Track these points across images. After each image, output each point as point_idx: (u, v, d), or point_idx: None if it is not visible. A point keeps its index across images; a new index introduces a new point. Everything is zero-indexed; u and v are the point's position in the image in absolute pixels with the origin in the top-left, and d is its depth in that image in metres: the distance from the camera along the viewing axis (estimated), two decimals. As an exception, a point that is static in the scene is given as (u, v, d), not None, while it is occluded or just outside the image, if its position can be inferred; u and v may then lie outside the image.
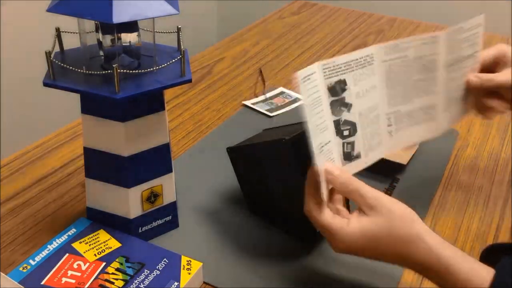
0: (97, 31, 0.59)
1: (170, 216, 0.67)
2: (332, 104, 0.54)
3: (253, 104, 0.97)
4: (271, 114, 0.94)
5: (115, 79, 0.54)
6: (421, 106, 0.63)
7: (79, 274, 0.58)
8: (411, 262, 0.52)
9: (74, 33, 0.61)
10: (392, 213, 0.51)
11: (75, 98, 0.59)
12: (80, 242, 0.62)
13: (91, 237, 0.63)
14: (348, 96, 0.56)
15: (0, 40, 1.49)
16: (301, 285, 0.60)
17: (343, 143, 0.56)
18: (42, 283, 0.57)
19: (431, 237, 0.51)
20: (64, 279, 0.57)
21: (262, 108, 0.96)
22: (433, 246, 0.51)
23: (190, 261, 0.60)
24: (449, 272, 0.50)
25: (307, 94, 0.51)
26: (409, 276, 0.62)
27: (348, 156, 0.57)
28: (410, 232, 0.51)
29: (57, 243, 0.62)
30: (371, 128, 0.59)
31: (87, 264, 0.59)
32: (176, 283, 0.57)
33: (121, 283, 0.57)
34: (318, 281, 0.61)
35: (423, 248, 0.50)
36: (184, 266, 0.59)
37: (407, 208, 0.53)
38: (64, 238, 0.63)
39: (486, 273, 0.49)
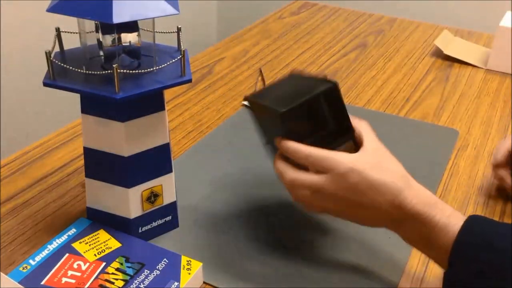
0: (97, 31, 0.59)
1: (170, 216, 0.67)
2: None
3: (253, 104, 0.97)
4: (271, 114, 0.94)
5: (115, 79, 0.54)
6: None
7: (79, 274, 0.58)
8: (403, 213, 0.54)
9: (74, 33, 0.61)
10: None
11: (75, 98, 0.59)
12: (80, 242, 0.62)
13: (91, 237, 0.63)
14: None
15: (0, 40, 1.49)
16: (302, 284, 0.60)
17: None
18: (42, 283, 0.57)
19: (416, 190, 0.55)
20: (64, 279, 0.57)
21: (262, 108, 0.96)
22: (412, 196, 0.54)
23: (190, 261, 0.60)
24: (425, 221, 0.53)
25: None
26: (412, 267, 0.62)
27: None
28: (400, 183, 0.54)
29: (57, 243, 0.62)
30: None
31: (87, 264, 0.59)
32: (176, 283, 0.57)
33: (121, 283, 0.57)
34: (319, 279, 0.61)
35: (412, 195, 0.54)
36: (184, 266, 0.59)
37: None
38: (64, 238, 0.63)
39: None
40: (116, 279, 0.57)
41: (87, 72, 0.58)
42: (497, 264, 0.49)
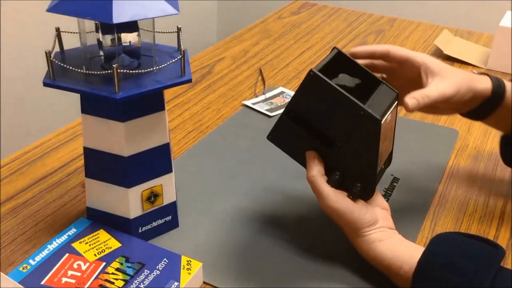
0: (97, 31, 0.59)
1: (170, 216, 0.67)
2: None
3: (253, 104, 0.97)
4: (271, 114, 0.94)
5: (115, 79, 0.54)
6: None
7: (79, 274, 0.58)
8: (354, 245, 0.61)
9: (74, 33, 0.61)
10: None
11: (75, 98, 0.59)
12: (80, 242, 0.62)
13: (91, 237, 0.63)
14: None
15: (0, 40, 1.49)
16: (302, 284, 0.60)
17: None
18: (42, 283, 0.57)
19: (368, 237, 0.59)
20: (64, 279, 0.57)
21: (262, 108, 0.96)
22: (367, 243, 0.59)
23: (190, 261, 0.60)
24: (376, 260, 0.59)
25: None
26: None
27: None
28: (354, 232, 0.60)
29: (57, 243, 0.62)
30: None
31: (87, 264, 0.59)
32: (176, 283, 0.57)
33: (121, 283, 0.57)
34: (320, 279, 0.61)
35: (359, 244, 0.60)
36: (184, 266, 0.59)
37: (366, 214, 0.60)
38: (64, 238, 0.63)
39: (411, 252, 0.57)
40: (116, 279, 0.57)
41: (87, 72, 0.58)
42: (457, 284, 0.51)
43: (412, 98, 0.61)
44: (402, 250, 0.58)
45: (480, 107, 0.67)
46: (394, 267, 0.57)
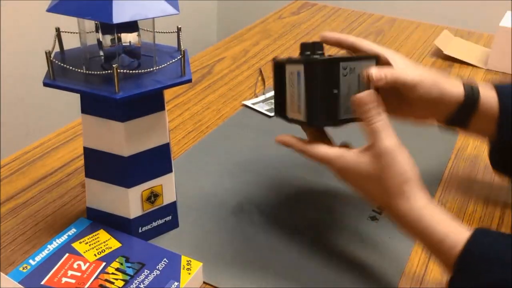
0: (97, 31, 0.59)
1: (170, 216, 0.67)
2: None
3: (253, 104, 0.97)
4: (271, 114, 0.94)
5: (115, 79, 0.54)
6: None
7: (79, 274, 0.58)
8: (392, 214, 0.57)
9: (74, 33, 0.61)
10: (390, 162, 0.57)
11: (75, 98, 0.59)
12: (80, 242, 0.62)
13: (91, 237, 0.63)
14: None
15: (0, 40, 1.49)
16: (302, 284, 0.60)
17: None
18: (42, 283, 0.57)
19: (416, 198, 0.56)
20: (64, 279, 0.57)
21: (262, 108, 0.96)
22: (415, 208, 0.55)
23: (190, 261, 0.60)
24: (424, 233, 0.54)
25: None
26: (412, 267, 0.62)
27: None
28: (398, 189, 0.56)
29: (57, 243, 0.62)
30: None
31: (87, 264, 0.59)
32: (176, 283, 0.57)
33: (121, 283, 0.57)
34: (319, 279, 0.61)
35: (404, 208, 0.55)
36: (184, 266, 0.59)
37: (407, 165, 0.58)
38: (64, 238, 0.63)
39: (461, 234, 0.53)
40: (116, 279, 0.57)
41: (87, 72, 0.58)
42: (505, 279, 0.49)
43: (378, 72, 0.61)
44: (447, 221, 0.54)
45: (457, 113, 0.66)
46: (446, 243, 0.52)
